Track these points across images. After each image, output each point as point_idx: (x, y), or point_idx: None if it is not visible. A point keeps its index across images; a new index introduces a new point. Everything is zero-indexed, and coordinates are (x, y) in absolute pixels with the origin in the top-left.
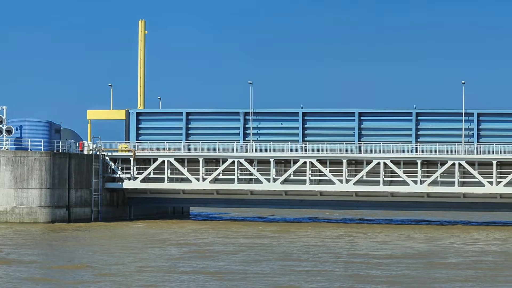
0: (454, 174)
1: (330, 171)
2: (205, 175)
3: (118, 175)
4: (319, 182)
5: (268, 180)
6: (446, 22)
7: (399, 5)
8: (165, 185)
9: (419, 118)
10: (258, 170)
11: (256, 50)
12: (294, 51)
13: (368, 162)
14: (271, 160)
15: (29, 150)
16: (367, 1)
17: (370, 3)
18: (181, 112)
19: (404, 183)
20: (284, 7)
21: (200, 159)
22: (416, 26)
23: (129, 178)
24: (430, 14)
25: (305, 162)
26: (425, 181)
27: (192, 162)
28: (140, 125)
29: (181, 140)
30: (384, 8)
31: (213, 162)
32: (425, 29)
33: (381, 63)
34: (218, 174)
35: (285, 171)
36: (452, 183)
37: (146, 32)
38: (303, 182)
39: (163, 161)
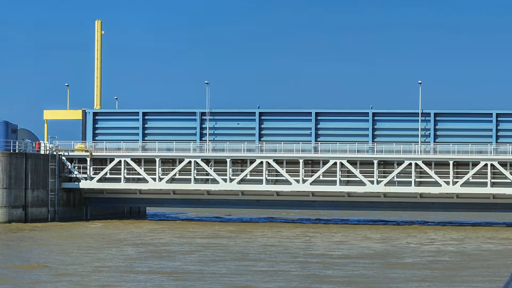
0: (411, 174)
1: (287, 171)
2: (161, 175)
3: (74, 175)
4: (276, 182)
5: (225, 180)
6: (403, 22)
7: (356, 5)
8: (122, 185)
9: (375, 118)
10: (214, 170)
11: (213, 50)
12: (251, 51)
13: (325, 162)
14: (228, 160)
15: None
16: (324, 0)
17: (327, 2)
18: (138, 112)
19: (361, 183)
20: (241, 7)
21: (157, 159)
22: (373, 26)
23: (85, 178)
24: (387, 14)
25: (261, 162)
26: (382, 181)
27: (149, 162)
28: (96, 125)
29: (138, 140)
30: (341, 8)
31: (169, 162)
32: (382, 29)
33: (338, 63)
34: (175, 174)
35: (242, 171)
36: (408, 183)
37: (103, 32)
38: (259, 182)
39: (120, 161)
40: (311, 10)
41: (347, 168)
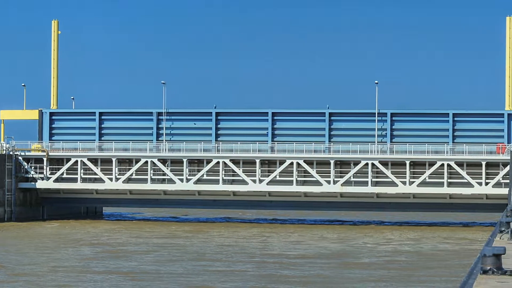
0: (367, 174)
1: (243, 171)
2: (118, 175)
3: (31, 175)
4: (232, 182)
5: (181, 180)
6: (360, 23)
7: (311, 5)
8: (78, 185)
9: (332, 118)
10: (171, 170)
11: (169, 50)
12: (208, 51)
13: (281, 162)
14: (184, 160)
15: None
16: (281, 0)
17: (284, 2)
18: (94, 112)
19: (317, 183)
20: (197, 8)
21: (113, 159)
22: (330, 26)
23: (42, 178)
24: (343, 15)
25: (218, 162)
26: (338, 181)
27: (105, 162)
28: (53, 125)
29: (94, 140)
30: (298, 8)
31: (126, 162)
32: (338, 30)
33: (295, 63)
34: (131, 174)
35: (198, 171)
36: (365, 183)
37: (59, 32)
38: (216, 182)
39: (76, 161)
40: (268, 10)
41: (304, 168)
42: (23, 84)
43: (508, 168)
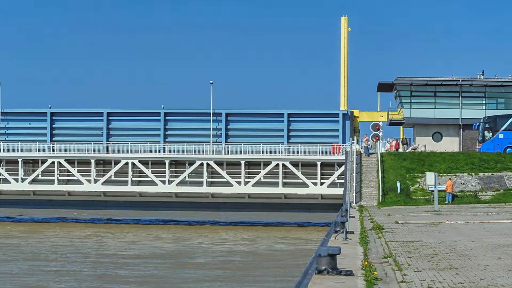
0: (203, 174)
1: (79, 171)
2: None
3: None
4: (68, 182)
5: (16, 180)
6: (195, 22)
7: (145, 3)
8: None
9: (167, 118)
10: (6, 170)
11: (3, 49)
12: (42, 51)
13: (116, 162)
14: (19, 160)
15: None
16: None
17: (120, 2)
18: None
19: (153, 183)
20: (29, 7)
21: None
22: (165, 25)
23: None
24: (178, 14)
25: (53, 162)
26: (173, 181)
27: None
28: None
29: None
30: (131, 7)
31: None
32: (174, 29)
33: (130, 63)
34: None
35: (34, 171)
36: (200, 183)
37: None
38: (51, 182)
39: None
40: (106, 9)
41: (139, 168)
42: None
43: (343, 168)
